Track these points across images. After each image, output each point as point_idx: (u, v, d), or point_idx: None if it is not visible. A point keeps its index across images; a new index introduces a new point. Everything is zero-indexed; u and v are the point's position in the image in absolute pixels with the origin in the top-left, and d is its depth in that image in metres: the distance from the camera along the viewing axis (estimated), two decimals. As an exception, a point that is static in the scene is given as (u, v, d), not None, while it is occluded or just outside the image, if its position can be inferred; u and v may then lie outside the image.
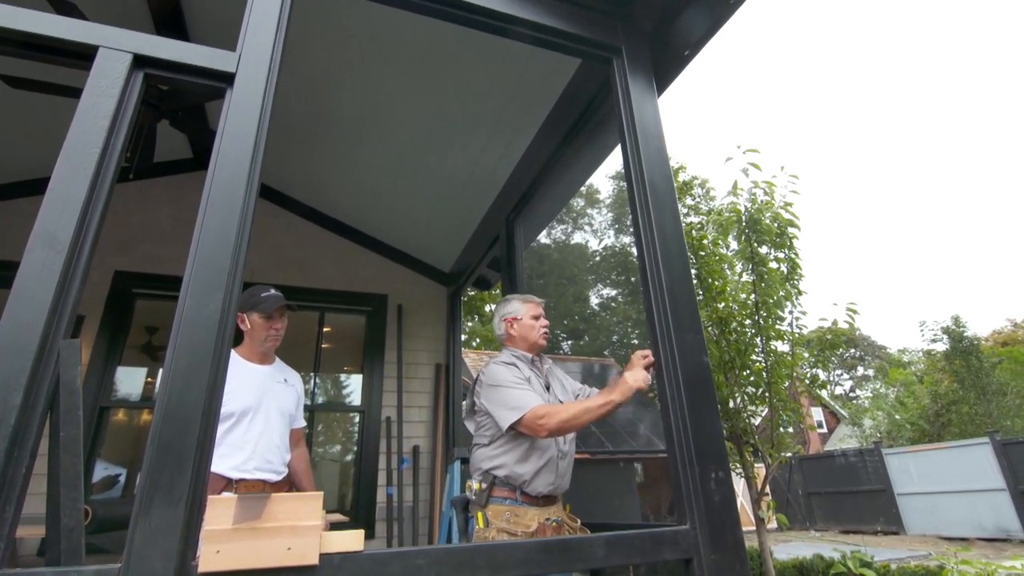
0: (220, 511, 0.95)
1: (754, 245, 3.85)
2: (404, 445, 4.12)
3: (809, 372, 4.16)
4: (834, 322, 4.01)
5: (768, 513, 3.75)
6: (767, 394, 3.77)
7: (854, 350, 33.52)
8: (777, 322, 3.81)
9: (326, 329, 4.51)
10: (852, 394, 32.85)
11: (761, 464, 3.92)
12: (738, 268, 4.08)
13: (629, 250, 23.56)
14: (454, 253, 4.43)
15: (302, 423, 2.36)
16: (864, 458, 12.75)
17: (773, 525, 9.66)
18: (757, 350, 3.83)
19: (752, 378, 3.83)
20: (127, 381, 3.88)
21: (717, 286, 3.88)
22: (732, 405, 3.80)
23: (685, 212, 4.82)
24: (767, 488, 3.80)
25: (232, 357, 1.95)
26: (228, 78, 1.31)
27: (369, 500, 3.90)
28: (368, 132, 3.30)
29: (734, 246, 4.10)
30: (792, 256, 3.88)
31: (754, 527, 3.81)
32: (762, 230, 3.82)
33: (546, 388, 2.04)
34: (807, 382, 4.15)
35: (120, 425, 3.87)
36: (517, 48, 2.28)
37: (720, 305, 3.85)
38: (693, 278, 1.80)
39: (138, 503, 0.91)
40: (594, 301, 24.68)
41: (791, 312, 3.87)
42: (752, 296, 3.82)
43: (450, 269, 4.70)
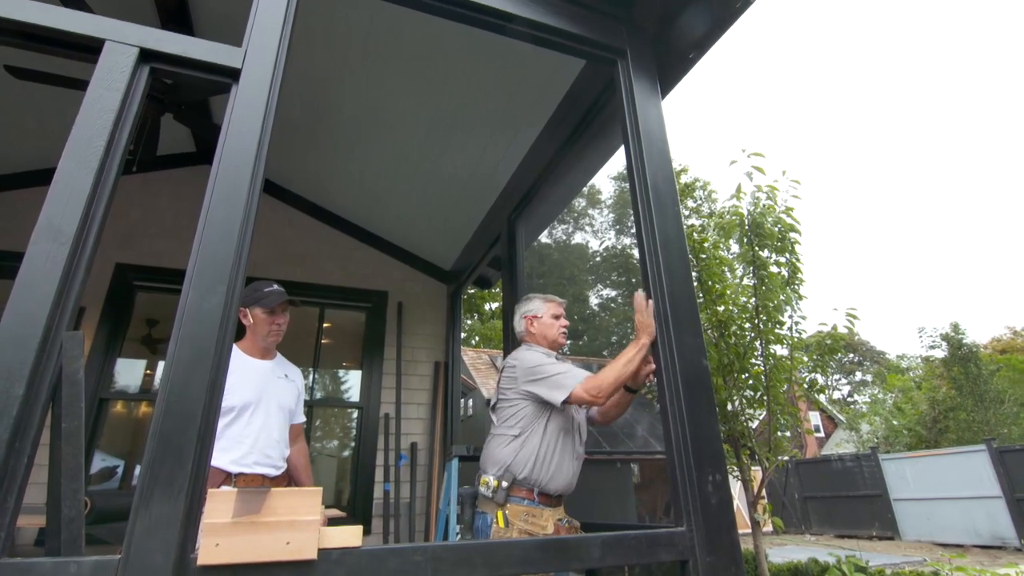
0: (220, 504, 0.95)
1: (756, 249, 3.85)
2: (402, 442, 4.13)
3: (808, 376, 4.17)
4: (834, 327, 4.02)
5: (764, 516, 3.75)
6: (765, 397, 3.77)
7: (853, 355, 33.53)
8: (777, 326, 3.82)
9: (326, 325, 4.52)
10: (850, 399, 32.87)
11: (758, 467, 3.93)
12: (739, 271, 4.08)
13: (629, 251, 23.57)
14: (455, 251, 4.44)
15: (302, 419, 2.36)
16: (861, 463, 12.76)
17: (769, 528, 9.68)
18: (756, 354, 3.84)
19: (751, 381, 3.84)
20: (126, 373, 3.89)
21: (717, 289, 3.88)
22: (730, 408, 3.80)
23: (687, 214, 4.83)
24: (763, 491, 3.80)
25: (233, 351, 1.95)
26: (234, 74, 1.31)
27: (366, 496, 3.90)
28: (371, 130, 3.30)
29: (735, 249, 4.10)
30: (793, 261, 3.89)
31: (750, 530, 3.82)
32: (764, 234, 3.82)
33: None
34: (805, 386, 4.15)
35: (119, 417, 3.88)
36: (521, 48, 2.28)
37: (720, 308, 3.85)
38: (694, 281, 1.80)
39: (138, 495, 0.92)
40: (594, 301, 24.69)
41: (791, 316, 3.87)
42: (752, 300, 3.82)
43: (451, 267, 4.71)
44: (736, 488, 10.82)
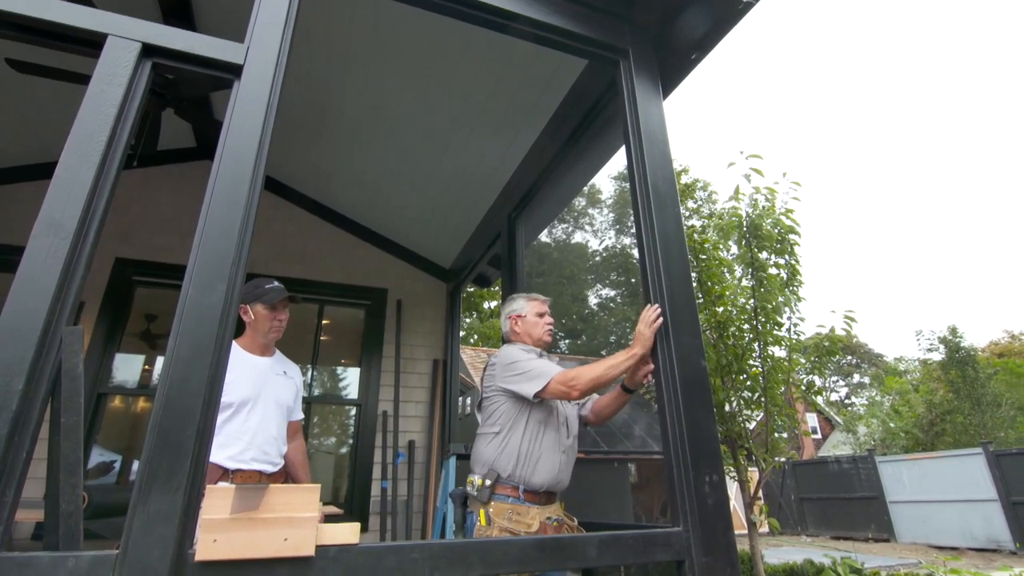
0: (218, 500, 0.95)
1: (754, 250, 3.86)
2: (400, 439, 4.13)
3: (805, 378, 4.18)
4: (832, 329, 4.02)
5: (760, 517, 3.76)
6: (763, 399, 3.78)
7: (851, 357, 33.57)
8: (775, 328, 3.82)
9: (325, 321, 4.52)
10: (847, 401, 32.91)
11: (755, 468, 3.94)
12: (738, 272, 4.08)
13: (629, 251, 23.56)
14: (455, 249, 4.44)
15: (300, 416, 2.37)
16: (857, 465, 12.77)
17: (765, 529, 9.70)
18: (754, 355, 3.84)
19: (749, 383, 3.84)
20: (125, 368, 3.88)
21: (717, 290, 3.88)
22: (728, 409, 3.81)
23: (687, 215, 4.83)
24: (760, 492, 3.81)
25: (233, 348, 1.96)
26: (236, 70, 1.31)
27: (364, 493, 3.91)
28: (372, 128, 3.30)
29: (735, 250, 4.10)
30: (792, 263, 3.89)
31: (746, 531, 3.83)
32: (763, 236, 3.82)
33: None
34: (803, 388, 4.16)
35: (116, 411, 3.88)
36: (523, 48, 2.28)
37: (719, 309, 3.85)
38: (693, 282, 1.80)
39: (137, 490, 0.92)
40: (593, 301, 24.69)
41: (789, 318, 3.88)
42: (751, 301, 3.83)
43: (450, 265, 4.71)
44: (733, 489, 10.82)
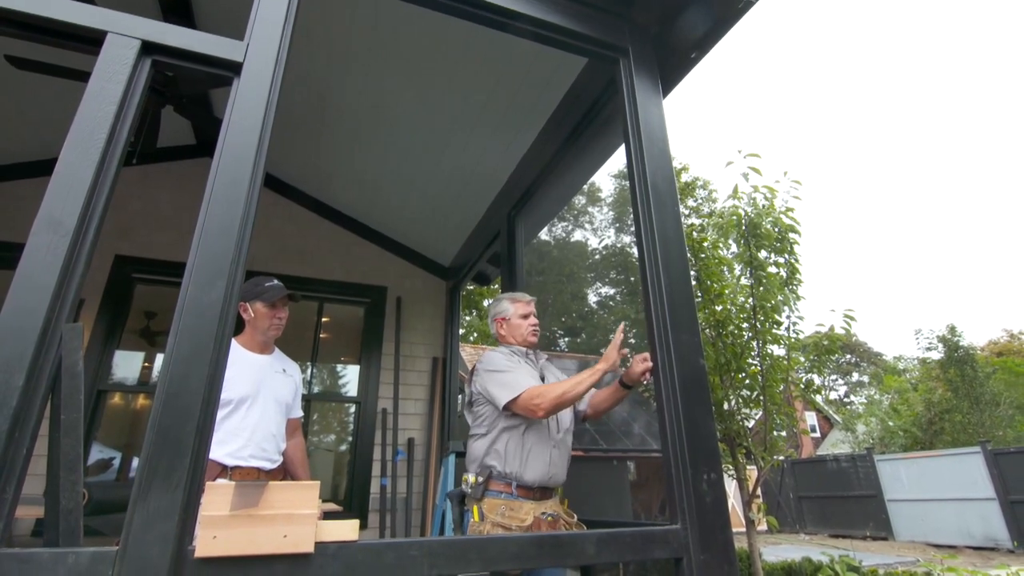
0: (218, 497, 0.96)
1: (753, 249, 3.86)
2: (399, 437, 4.14)
3: (804, 377, 4.18)
4: (831, 328, 4.02)
5: (758, 515, 3.77)
6: (762, 397, 3.78)
7: (850, 356, 33.60)
8: (774, 326, 3.82)
9: (325, 319, 4.52)
10: (846, 399, 32.96)
11: (753, 466, 3.94)
12: (737, 271, 4.08)
13: (628, 250, 23.55)
14: (455, 247, 4.44)
15: (299, 413, 2.37)
16: (856, 463, 12.80)
17: (763, 527, 9.73)
18: (753, 353, 3.84)
19: (747, 381, 3.84)
20: (124, 365, 3.89)
21: (716, 289, 3.88)
22: (727, 407, 3.81)
23: (687, 213, 4.83)
24: (758, 490, 3.82)
25: (232, 345, 1.96)
26: (236, 67, 1.31)
27: (363, 490, 3.91)
28: (372, 126, 3.30)
29: (734, 248, 4.10)
30: (792, 261, 3.89)
31: (744, 528, 3.84)
32: (762, 235, 3.82)
33: (541, 380, 2.07)
34: (802, 386, 4.16)
35: (116, 408, 3.88)
36: (523, 46, 2.28)
37: (718, 308, 3.85)
38: (692, 280, 1.81)
39: (137, 487, 0.92)
40: (592, 299, 24.69)
41: (788, 317, 3.88)
42: (750, 300, 3.83)
43: (450, 263, 4.71)
44: (731, 487, 10.86)
